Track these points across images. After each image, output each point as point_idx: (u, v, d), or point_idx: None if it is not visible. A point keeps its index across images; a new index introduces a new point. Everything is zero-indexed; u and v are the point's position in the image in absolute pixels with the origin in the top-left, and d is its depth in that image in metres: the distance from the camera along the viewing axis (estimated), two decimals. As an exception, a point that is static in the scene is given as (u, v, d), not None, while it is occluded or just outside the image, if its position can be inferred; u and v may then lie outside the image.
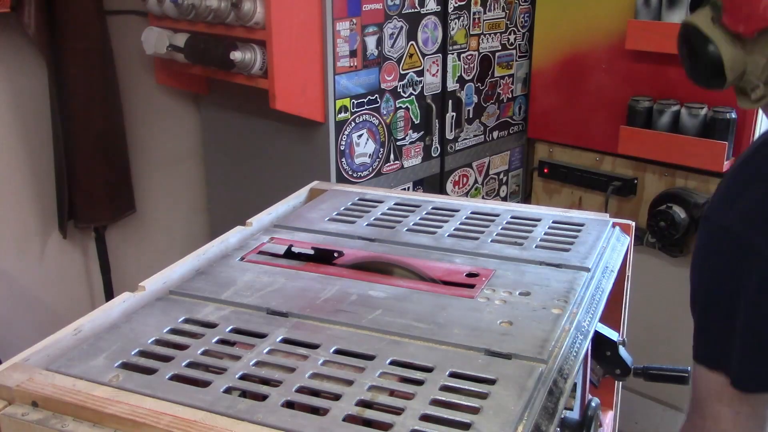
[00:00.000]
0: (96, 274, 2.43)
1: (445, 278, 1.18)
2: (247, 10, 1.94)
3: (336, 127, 2.10)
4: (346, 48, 2.07)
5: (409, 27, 2.23)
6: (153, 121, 2.51)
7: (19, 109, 2.18)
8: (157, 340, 1.01)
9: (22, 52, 2.14)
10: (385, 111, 2.24)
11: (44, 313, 2.34)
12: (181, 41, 2.14)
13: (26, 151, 2.22)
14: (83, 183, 2.24)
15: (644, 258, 2.60)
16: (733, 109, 2.24)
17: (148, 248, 2.57)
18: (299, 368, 0.93)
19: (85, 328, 1.03)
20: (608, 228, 1.35)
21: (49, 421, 0.86)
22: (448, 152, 2.50)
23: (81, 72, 2.15)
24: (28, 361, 0.95)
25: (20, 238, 2.26)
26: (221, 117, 2.48)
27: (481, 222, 1.40)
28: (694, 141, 2.28)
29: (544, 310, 1.06)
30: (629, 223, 1.38)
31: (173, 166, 2.61)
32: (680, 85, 2.36)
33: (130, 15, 2.33)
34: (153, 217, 2.58)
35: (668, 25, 2.28)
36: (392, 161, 2.31)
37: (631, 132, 2.41)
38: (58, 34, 2.10)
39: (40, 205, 2.28)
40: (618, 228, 1.38)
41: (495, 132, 2.69)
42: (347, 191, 1.58)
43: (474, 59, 2.51)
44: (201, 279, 1.19)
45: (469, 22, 2.44)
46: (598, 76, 2.56)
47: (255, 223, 1.40)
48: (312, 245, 1.30)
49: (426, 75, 2.34)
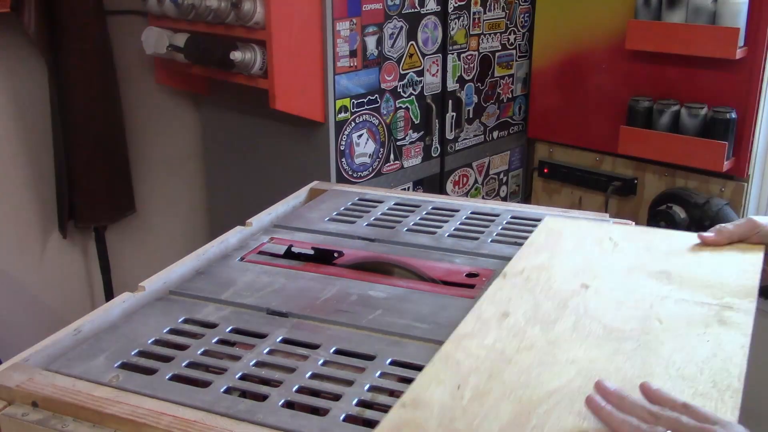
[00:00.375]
0: (96, 274, 2.43)
1: (445, 278, 1.18)
2: (247, 10, 1.94)
3: (336, 127, 2.10)
4: (346, 48, 2.07)
5: (409, 27, 2.23)
6: (153, 121, 2.51)
7: (19, 109, 2.18)
8: (157, 340, 1.01)
9: (22, 52, 2.14)
10: (385, 111, 2.24)
11: (44, 313, 2.34)
12: (181, 41, 2.14)
13: (26, 151, 2.22)
14: (83, 183, 2.24)
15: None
16: (733, 109, 2.24)
17: (148, 248, 2.57)
18: (299, 368, 0.93)
19: (84, 329, 1.03)
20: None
21: (50, 422, 0.86)
22: (448, 152, 2.50)
23: (81, 72, 2.15)
24: (27, 361, 0.95)
25: (20, 238, 2.26)
26: (221, 117, 2.48)
27: (481, 222, 1.40)
28: (694, 141, 2.28)
29: (544, 310, 1.06)
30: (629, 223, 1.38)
31: (173, 166, 2.61)
32: (680, 85, 2.36)
33: (130, 15, 2.33)
34: (153, 217, 2.58)
35: (668, 25, 2.28)
36: (392, 161, 2.31)
37: (631, 132, 2.41)
38: (58, 34, 2.10)
39: (40, 205, 2.28)
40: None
41: (495, 132, 2.69)
42: (347, 191, 1.58)
43: (474, 59, 2.51)
44: (201, 279, 1.19)
45: (469, 22, 2.44)
46: (598, 76, 2.56)
47: (255, 223, 1.40)
48: (312, 245, 1.30)
49: (426, 75, 2.34)
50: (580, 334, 0.93)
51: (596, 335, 0.93)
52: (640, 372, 0.85)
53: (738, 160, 2.29)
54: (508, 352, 0.89)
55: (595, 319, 0.96)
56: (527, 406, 0.79)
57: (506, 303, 1.01)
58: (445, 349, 0.91)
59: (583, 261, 1.13)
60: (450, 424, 0.77)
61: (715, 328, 0.93)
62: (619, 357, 0.88)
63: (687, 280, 1.06)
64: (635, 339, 0.92)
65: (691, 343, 0.90)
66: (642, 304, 1.00)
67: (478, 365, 0.87)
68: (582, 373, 0.85)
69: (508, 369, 0.86)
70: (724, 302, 0.99)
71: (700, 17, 2.23)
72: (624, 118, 2.45)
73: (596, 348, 0.90)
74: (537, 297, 1.03)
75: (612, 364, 0.86)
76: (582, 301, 1.02)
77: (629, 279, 1.07)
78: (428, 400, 0.81)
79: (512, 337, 0.93)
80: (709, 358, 0.87)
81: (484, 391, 0.82)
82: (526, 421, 0.76)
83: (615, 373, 0.85)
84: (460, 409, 0.79)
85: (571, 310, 0.99)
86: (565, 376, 0.84)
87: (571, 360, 0.87)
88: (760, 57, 2.19)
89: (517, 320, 0.97)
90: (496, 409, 0.79)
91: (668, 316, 0.96)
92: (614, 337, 0.92)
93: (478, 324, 0.96)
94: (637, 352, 0.89)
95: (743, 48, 2.19)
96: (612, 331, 0.93)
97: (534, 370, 0.86)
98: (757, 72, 2.21)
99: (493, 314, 0.99)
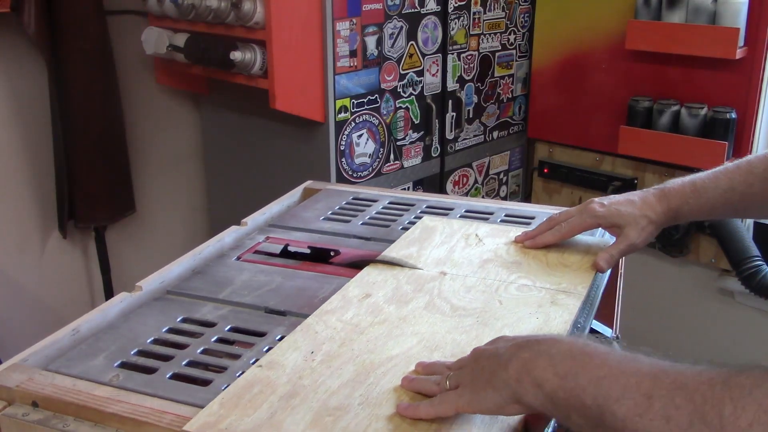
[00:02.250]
0: (96, 274, 2.43)
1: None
2: (247, 10, 1.95)
3: (336, 127, 2.10)
4: (346, 48, 2.07)
5: (409, 27, 2.23)
6: (153, 121, 2.51)
7: (19, 109, 2.18)
8: (156, 339, 1.01)
9: (22, 52, 2.14)
10: (385, 111, 2.24)
11: (44, 313, 2.34)
12: (181, 41, 2.14)
13: (26, 151, 2.22)
14: (83, 183, 2.24)
15: (644, 258, 2.61)
16: (733, 109, 2.24)
17: (148, 248, 2.57)
18: (298, 367, 0.93)
19: (82, 329, 1.03)
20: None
21: (50, 421, 0.86)
22: (448, 152, 2.50)
23: (81, 72, 2.15)
24: (27, 361, 0.95)
25: (20, 238, 2.26)
26: (221, 117, 2.48)
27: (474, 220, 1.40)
28: (694, 141, 2.28)
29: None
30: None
31: (173, 166, 2.61)
32: (680, 85, 2.36)
33: (130, 15, 2.33)
34: (153, 217, 2.58)
35: (668, 25, 2.28)
36: (392, 161, 2.31)
37: (631, 132, 2.41)
38: (58, 34, 2.10)
39: (40, 205, 2.28)
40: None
41: (495, 132, 2.69)
42: (341, 190, 1.59)
43: (474, 59, 2.51)
44: (198, 279, 1.19)
45: (469, 22, 2.44)
46: (598, 76, 2.56)
47: (250, 223, 1.40)
48: (308, 244, 1.30)
49: (426, 75, 2.34)
50: (429, 312, 1.04)
51: (443, 313, 1.04)
52: (472, 341, 0.96)
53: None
54: (362, 326, 1.00)
55: (446, 300, 1.08)
56: (368, 368, 0.90)
57: (371, 286, 1.12)
58: (307, 321, 1.02)
59: (446, 253, 1.24)
60: (297, 381, 0.87)
61: (546, 308, 1.05)
62: (457, 330, 0.99)
63: (534, 269, 1.18)
64: (475, 316, 1.03)
65: (522, 320, 1.02)
66: (489, 289, 1.11)
67: (333, 335, 0.98)
68: (422, 342, 0.96)
69: (358, 339, 0.97)
70: (560, 287, 1.11)
71: (700, 17, 2.23)
72: (624, 118, 2.45)
73: (440, 323, 1.01)
74: (400, 281, 1.13)
75: (449, 336, 0.98)
76: (437, 285, 1.12)
77: (483, 268, 1.19)
78: (282, 362, 0.91)
79: (369, 313, 1.04)
80: (533, 331, 0.99)
81: (333, 356, 0.93)
82: (364, 379, 0.88)
83: (450, 343, 0.96)
84: (309, 369, 0.90)
85: (425, 292, 1.10)
86: (406, 345, 0.96)
87: (416, 333, 0.99)
88: (760, 57, 2.20)
89: (377, 300, 1.08)
90: (340, 370, 0.90)
91: (508, 299, 1.08)
92: (458, 314, 1.04)
93: (342, 302, 1.07)
94: (473, 326, 1.01)
95: (743, 48, 2.19)
96: (457, 310, 1.05)
97: (381, 340, 0.97)
98: (757, 72, 2.21)
99: (357, 295, 1.09)
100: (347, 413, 0.81)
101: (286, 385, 0.86)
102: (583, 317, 1.06)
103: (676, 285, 2.60)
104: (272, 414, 0.81)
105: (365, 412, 0.82)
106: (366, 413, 0.82)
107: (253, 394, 0.85)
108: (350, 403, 0.83)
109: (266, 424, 0.80)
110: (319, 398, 0.84)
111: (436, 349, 0.95)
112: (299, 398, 0.84)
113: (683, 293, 2.59)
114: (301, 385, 0.87)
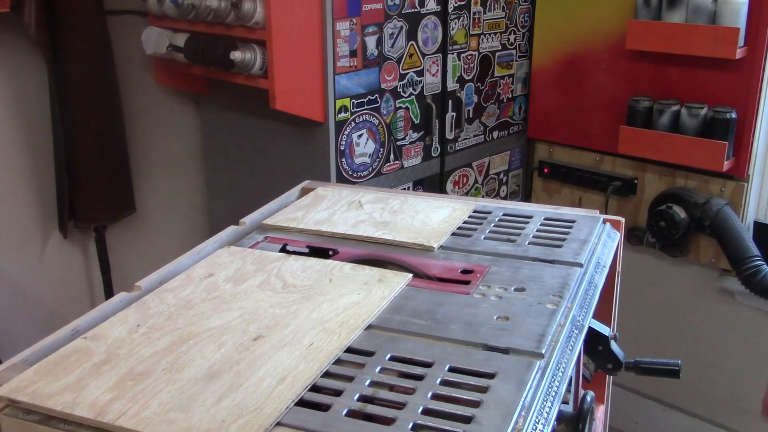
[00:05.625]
0: (96, 274, 2.43)
1: (440, 275, 1.19)
2: (247, 10, 1.95)
3: (336, 127, 2.10)
4: (346, 48, 2.07)
5: (409, 27, 2.24)
6: (153, 121, 2.51)
7: (19, 109, 2.18)
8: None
9: (22, 52, 2.14)
10: (385, 111, 2.24)
11: (44, 313, 2.34)
12: (181, 41, 2.14)
13: (26, 151, 2.22)
14: (83, 183, 2.24)
15: (644, 258, 2.61)
16: (733, 109, 2.24)
17: (148, 248, 2.57)
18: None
19: (82, 328, 1.03)
20: (599, 224, 1.35)
21: (50, 421, 0.86)
22: (448, 152, 2.50)
23: (81, 72, 2.15)
24: (27, 361, 0.95)
25: (20, 238, 2.26)
26: (221, 117, 2.48)
27: (473, 220, 1.40)
28: (694, 141, 2.29)
29: (539, 306, 1.06)
30: (619, 220, 1.39)
31: (173, 166, 2.61)
32: (680, 85, 2.36)
33: (130, 15, 2.34)
34: (153, 217, 2.59)
35: (668, 25, 2.28)
36: (392, 161, 2.31)
37: (631, 132, 2.41)
38: (58, 34, 2.10)
39: (40, 205, 2.28)
40: (609, 224, 1.38)
41: (495, 132, 2.69)
42: (339, 190, 1.59)
43: (474, 59, 2.51)
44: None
45: (469, 21, 2.45)
46: (598, 76, 2.56)
47: (248, 222, 1.40)
48: (306, 244, 1.30)
49: (426, 75, 2.34)
50: (261, 290, 1.10)
51: (273, 290, 1.10)
52: (288, 317, 1.01)
53: (738, 160, 2.29)
54: (194, 302, 1.06)
55: (281, 279, 1.14)
56: (185, 338, 0.96)
57: (216, 267, 1.18)
58: (144, 298, 1.08)
59: (327, 216, 1.36)
60: (115, 351, 0.94)
61: (372, 285, 1.11)
62: (278, 306, 1.05)
63: (399, 228, 1.31)
64: (301, 293, 1.09)
65: (344, 296, 1.08)
66: (326, 269, 1.17)
67: (163, 311, 1.04)
68: (243, 316, 1.02)
69: (185, 313, 1.03)
70: (417, 241, 1.25)
71: (700, 17, 2.23)
72: (624, 118, 2.45)
73: (266, 299, 1.07)
74: (245, 262, 1.19)
75: (270, 311, 1.03)
76: (278, 265, 1.18)
77: (355, 227, 1.32)
78: (106, 335, 0.98)
79: (205, 291, 1.10)
80: (350, 306, 1.05)
81: (156, 329, 0.99)
82: (176, 349, 0.94)
83: (268, 317, 1.01)
84: (129, 341, 0.96)
85: (265, 272, 1.16)
86: (227, 318, 1.02)
87: (240, 307, 1.05)
88: (760, 57, 2.20)
89: (217, 279, 1.14)
90: (157, 341, 0.96)
91: (340, 277, 1.14)
92: (287, 291, 1.10)
93: (185, 282, 1.13)
94: (295, 302, 1.06)
95: (743, 48, 2.19)
96: (288, 287, 1.11)
97: (206, 314, 1.03)
98: (757, 72, 2.21)
99: (200, 274, 1.15)
100: (148, 378, 0.88)
101: (102, 354, 0.93)
102: (581, 315, 1.06)
103: (676, 285, 2.60)
104: (80, 379, 0.88)
105: (166, 377, 0.88)
106: (166, 378, 0.88)
107: (69, 363, 0.92)
108: (155, 369, 0.90)
109: (71, 387, 0.86)
110: (129, 365, 0.91)
111: (253, 321, 1.00)
112: (110, 365, 0.91)
113: (683, 293, 2.59)
114: (116, 354, 0.93)
